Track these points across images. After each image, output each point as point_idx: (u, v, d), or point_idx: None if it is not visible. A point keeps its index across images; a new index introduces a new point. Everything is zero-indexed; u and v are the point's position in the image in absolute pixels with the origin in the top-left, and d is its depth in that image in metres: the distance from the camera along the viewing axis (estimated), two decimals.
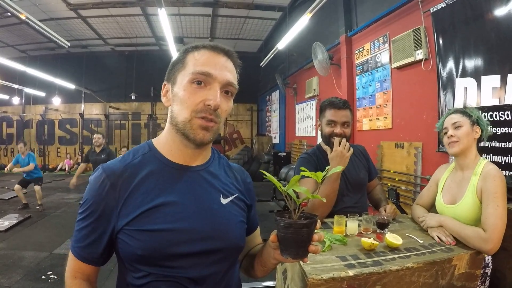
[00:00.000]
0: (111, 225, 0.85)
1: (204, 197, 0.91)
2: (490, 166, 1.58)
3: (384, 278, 1.24)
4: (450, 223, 1.58)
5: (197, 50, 0.90)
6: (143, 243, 0.82)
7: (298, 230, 0.77)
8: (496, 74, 2.80)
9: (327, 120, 1.96)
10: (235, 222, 0.96)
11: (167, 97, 0.93)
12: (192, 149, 0.91)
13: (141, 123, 13.78)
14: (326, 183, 1.81)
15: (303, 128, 8.35)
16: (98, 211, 0.85)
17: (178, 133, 0.88)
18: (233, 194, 0.98)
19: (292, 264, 1.40)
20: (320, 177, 0.83)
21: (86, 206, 0.86)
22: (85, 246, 0.87)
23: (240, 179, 1.06)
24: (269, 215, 6.22)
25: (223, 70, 0.88)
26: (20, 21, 8.27)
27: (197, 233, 0.86)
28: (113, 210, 0.84)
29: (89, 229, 0.86)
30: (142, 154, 0.92)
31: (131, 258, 0.84)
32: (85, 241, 0.86)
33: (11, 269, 3.78)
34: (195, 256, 0.86)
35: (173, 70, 0.92)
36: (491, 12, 2.84)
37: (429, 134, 3.68)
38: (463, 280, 1.41)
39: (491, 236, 1.40)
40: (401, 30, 4.06)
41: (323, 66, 5.79)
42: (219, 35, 11.14)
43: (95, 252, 0.87)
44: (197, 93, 0.85)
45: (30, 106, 13.52)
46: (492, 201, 1.47)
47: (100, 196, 0.85)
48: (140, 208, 0.84)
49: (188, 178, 0.91)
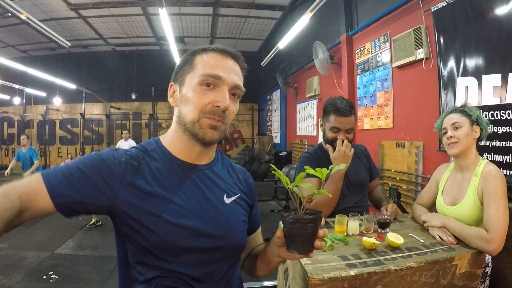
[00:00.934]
0: (110, 194, 0.82)
1: (208, 195, 0.93)
2: (490, 167, 1.56)
3: (385, 278, 1.23)
4: (453, 223, 1.57)
5: (206, 52, 0.91)
6: (152, 233, 0.82)
7: (304, 225, 0.79)
8: (497, 73, 2.80)
9: (331, 126, 1.92)
10: (237, 221, 0.97)
11: (174, 98, 0.94)
12: (199, 148, 0.92)
13: (142, 123, 13.78)
14: (329, 183, 1.81)
15: (304, 127, 8.35)
16: (109, 167, 0.83)
17: (186, 132, 0.90)
18: (236, 194, 1.00)
19: (294, 264, 1.40)
20: (325, 174, 0.85)
21: (98, 156, 0.84)
22: (68, 183, 0.77)
23: (242, 180, 1.08)
24: (270, 214, 6.22)
25: (231, 73, 0.90)
26: (20, 21, 8.28)
27: (202, 230, 0.87)
28: (122, 183, 0.83)
29: (87, 174, 0.80)
30: (150, 150, 0.92)
31: (137, 251, 0.84)
32: (73, 179, 0.78)
33: (12, 269, 3.79)
34: (199, 252, 0.87)
35: (180, 71, 0.93)
36: (492, 11, 2.83)
37: (430, 133, 3.67)
38: (464, 280, 1.41)
39: (494, 237, 1.39)
40: (402, 29, 4.05)
41: (324, 65, 5.79)
42: (220, 34, 11.14)
43: (76, 195, 0.78)
44: (206, 95, 0.87)
45: (31, 106, 13.52)
46: (493, 202, 1.46)
47: (120, 159, 0.85)
48: (147, 198, 0.84)
49: (194, 176, 0.93)
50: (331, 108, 1.93)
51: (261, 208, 6.59)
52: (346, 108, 1.90)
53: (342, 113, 1.89)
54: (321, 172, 0.85)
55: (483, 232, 1.43)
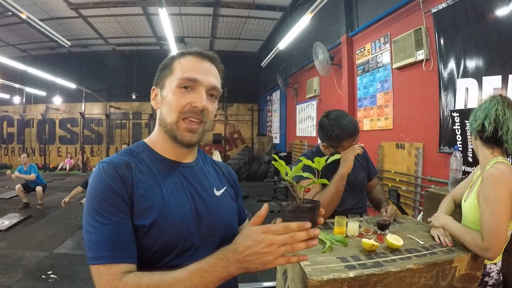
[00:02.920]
0: (131, 210, 0.84)
1: (200, 190, 0.97)
2: (492, 169, 1.45)
3: (384, 280, 1.23)
4: (452, 226, 1.56)
5: (183, 56, 0.96)
6: (150, 236, 0.83)
7: (303, 214, 0.81)
8: (497, 75, 2.80)
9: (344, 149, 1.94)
10: (230, 212, 1.04)
11: (156, 101, 0.99)
12: (181, 149, 0.97)
13: (141, 122, 13.78)
14: (331, 183, 1.84)
15: (304, 128, 8.35)
16: (118, 196, 0.82)
17: (167, 134, 0.95)
18: (223, 187, 1.06)
19: (293, 265, 1.40)
20: (322, 164, 0.89)
21: (101, 199, 0.81)
22: (116, 245, 0.79)
23: (226, 173, 1.14)
24: (270, 215, 6.17)
25: (208, 75, 0.94)
26: (21, 20, 8.28)
27: (199, 225, 0.91)
28: (129, 196, 0.84)
29: (115, 224, 0.80)
30: (138, 152, 0.95)
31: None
32: (116, 239, 0.79)
33: (11, 268, 3.78)
34: (196, 248, 0.89)
35: (161, 75, 0.98)
36: (492, 12, 2.83)
37: (430, 134, 3.67)
38: (463, 282, 1.40)
39: (489, 246, 1.37)
40: (402, 31, 4.05)
41: (324, 66, 5.79)
42: (220, 35, 11.14)
43: (131, 246, 0.81)
44: (184, 96, 0.91)
45: (31, 106, 13.53)
46: (486, 207, 1.41)
47: (115, 182, 0.83)
48: (145, 203, 0.85)
49: (184, 172, 0.97)
50: (337, 133, 1.90)
51: (260, 208, 6.58)
52: (351, 131, 1.91)
53: (351, 136, 1.92)
54: (319, 161, 0.90)
55: (478, 239, 1.41)
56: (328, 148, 2.00)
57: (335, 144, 1.94)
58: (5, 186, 8.87)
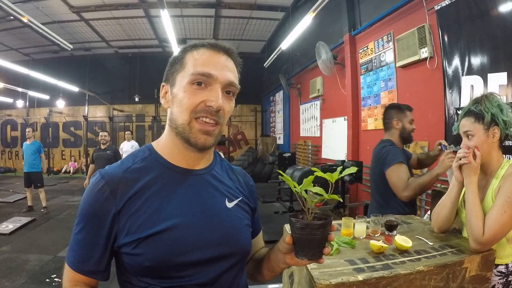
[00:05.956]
0: (112, 234, 0.80)
1: (209, 201, 0.88)
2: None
3: (394, 282, 1.20)
4: (472, 194, 1.42)
5: (196, 49, 0.86)
6: (150, 253, 0.77)
7: (314, 231, 0.76)
8: (502, 72, 2.77)
9: (410, 119, 2.48)
10: (242, 226, 0.93)
11: (166, 99, 0.89)
12: (194, 153, 0.87)
13: (145, 125, 13.80)
14: (427, 174, 2.18)
15: (307, 128, 8.31)
16: (98, 219, 0.80)
17: (178, 136, 0.85)
18: (237, 198, 0.95)
19: (300, 268, 1.37)
20: (335, 178, 0.83)
21: (84, 215, 0.81)
22: (86, 259, 0.81)
23: (243, 182, 1.02)
24: (274, 216, 6.18)
25: (224, 70, 0.84)
26: (23, 24, 8.29)
27: (206, 239, 0.83)
28: (114, 218, 0.80)
29: (90, 239, 0.80)
30: (142, 158, 0.87)
31: (137, 271, 0.80)
32: (87, 253, 0.81)
33: (15, 272, 3.78)
34: (205, 264, 0.82)
35: (171, 70, 0.88)
36: (496, 8, 2.80)
37: (435, 133, 3.63)
38: (474, 283, 1.37)
39: (485, 242, 1.34)
40: (405, 29, 4.02)
41: (327, 65, 5.76)
42: (222, 36, 11.13)
43: (100, 265, 0.82)
44: (197, 94, 0.82)
45: (34, 109, 13.60)
46: (501, 204, 1.35)
47: (99, 203, 0.80)
48: (143, 216, 0.79)
49: (192, 182, 0.87)
50: (405, 106, 2.53)
51: (265, 209, 6.59)
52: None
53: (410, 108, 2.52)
54: (332, 176, 0.83)
55: (480, 231, 1.35)
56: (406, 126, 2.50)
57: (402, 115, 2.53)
58: (9, 190, 8.90)
